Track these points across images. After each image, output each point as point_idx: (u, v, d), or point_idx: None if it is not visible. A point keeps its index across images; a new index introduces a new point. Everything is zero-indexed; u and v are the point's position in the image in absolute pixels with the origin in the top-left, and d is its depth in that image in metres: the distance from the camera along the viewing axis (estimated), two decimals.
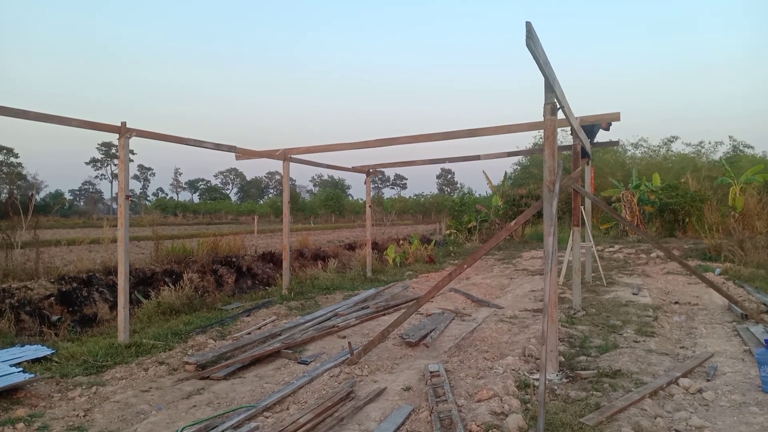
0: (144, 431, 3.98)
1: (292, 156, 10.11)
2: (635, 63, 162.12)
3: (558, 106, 5.04)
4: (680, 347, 6.02)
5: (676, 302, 8.59)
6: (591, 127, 8.85)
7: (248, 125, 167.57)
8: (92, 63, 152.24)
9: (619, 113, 7.82)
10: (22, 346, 5.92)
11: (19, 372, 4.81)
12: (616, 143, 11.38)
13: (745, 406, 4.18)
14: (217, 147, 8.24)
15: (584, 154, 8.85)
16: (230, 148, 8.58)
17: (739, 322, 6.98)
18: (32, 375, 4.79)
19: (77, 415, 4.24)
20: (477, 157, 10.92)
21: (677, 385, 4.63)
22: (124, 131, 6.30)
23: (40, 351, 5.67)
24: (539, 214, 5.27)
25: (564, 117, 6.20)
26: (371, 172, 12.75)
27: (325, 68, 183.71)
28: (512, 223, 5.75)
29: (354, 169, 12.43)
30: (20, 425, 3.96)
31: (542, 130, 5.13)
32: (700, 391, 4.51)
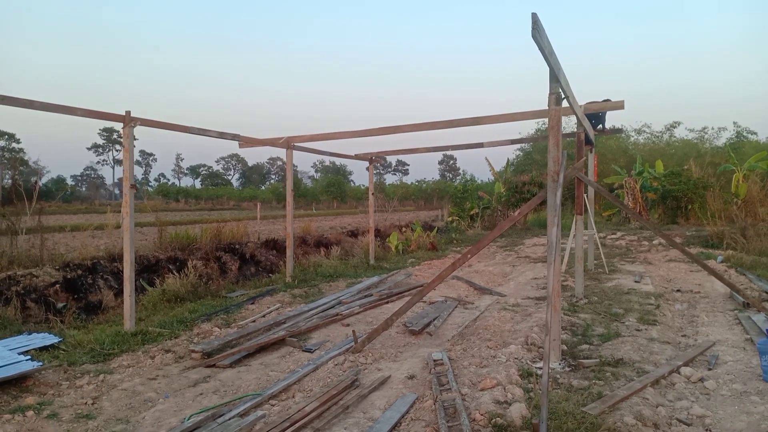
0: (152, 419, 4.04)
1: (296, 144, 10.08)
2: (637, 46, 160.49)
3: (563, 96, 5.02)
4: (682, 336, 6.06)
5: (678, 290, 8.62)
6: (596, 114, 8.81)
7: (251, 110, 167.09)
8: (94, 48, 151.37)
9: (623, 102, 7.78)
10: (30, 334, 5.99)
11: (27, 360, 4.87)
12: (620, 131, 11.31)
13: (746, 396, 4.22)
14: (221, 135, 8.23)
15: (587, 141, 8.82)
16: (234, 137, 8.57)
17: (740, 311, 7.01)
18: (40, 363, 4.84)
19: (85, 403, 4.30)
20: (480, 145, 10.89)
21: (679, 374, 4.67)
22: (128, 120, 6.28)
23: (48, 339, 5.73)
24: (543, 202, 5.28)
25: (568, 105, 6.17)
26: (374, 160, 12.73)
27: (328, 52, 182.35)
28: (516, 212, 5.76)
29: (357, 157, 12.41)
30: (30, 413, 4.02)
31: (546, 118, 5.11)
32: (701, 380, 4.55)
